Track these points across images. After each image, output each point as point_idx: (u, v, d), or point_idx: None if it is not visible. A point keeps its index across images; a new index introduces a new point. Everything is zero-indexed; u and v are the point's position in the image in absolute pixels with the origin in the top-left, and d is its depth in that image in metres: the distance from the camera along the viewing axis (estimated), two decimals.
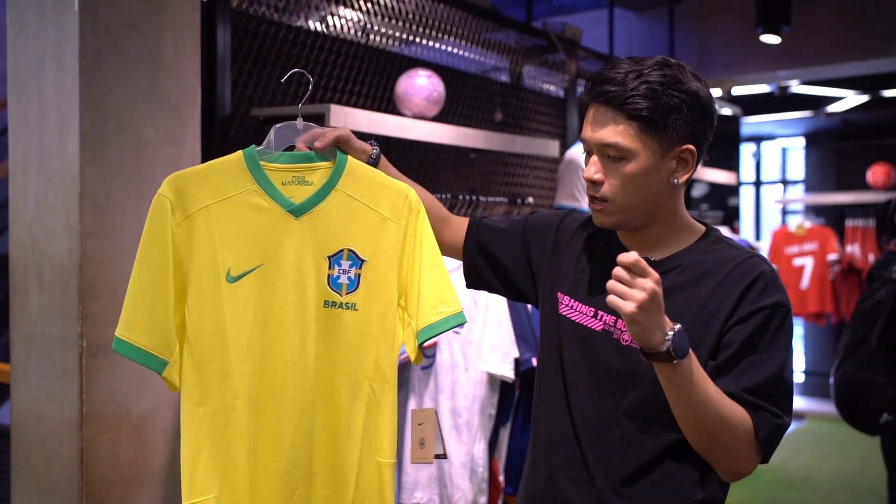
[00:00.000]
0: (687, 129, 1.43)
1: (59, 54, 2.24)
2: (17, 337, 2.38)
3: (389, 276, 1.61)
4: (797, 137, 8.28)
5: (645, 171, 1.43)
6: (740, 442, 1.38)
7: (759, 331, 1.40)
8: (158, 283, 1.49)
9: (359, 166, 1.62)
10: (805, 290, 6.75)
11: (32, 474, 2.34)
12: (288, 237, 1.55)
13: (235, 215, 1.53)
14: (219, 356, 1.52)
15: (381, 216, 1.60)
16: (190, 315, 1.52)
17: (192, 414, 1.51)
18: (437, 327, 1.61)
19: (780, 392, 1.40)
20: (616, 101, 1.41)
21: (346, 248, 1.58)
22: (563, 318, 1.58)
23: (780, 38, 4.64)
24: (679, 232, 1.51)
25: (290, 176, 1.57)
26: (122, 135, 2.28)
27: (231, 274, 1.52)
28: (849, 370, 2.97)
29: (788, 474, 5.61)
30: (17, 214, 2.38)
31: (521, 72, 4.12)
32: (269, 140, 1.61)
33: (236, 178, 1.54)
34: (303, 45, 2.95)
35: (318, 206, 1.57)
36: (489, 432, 2.84)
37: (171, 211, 1.50)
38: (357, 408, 1.59)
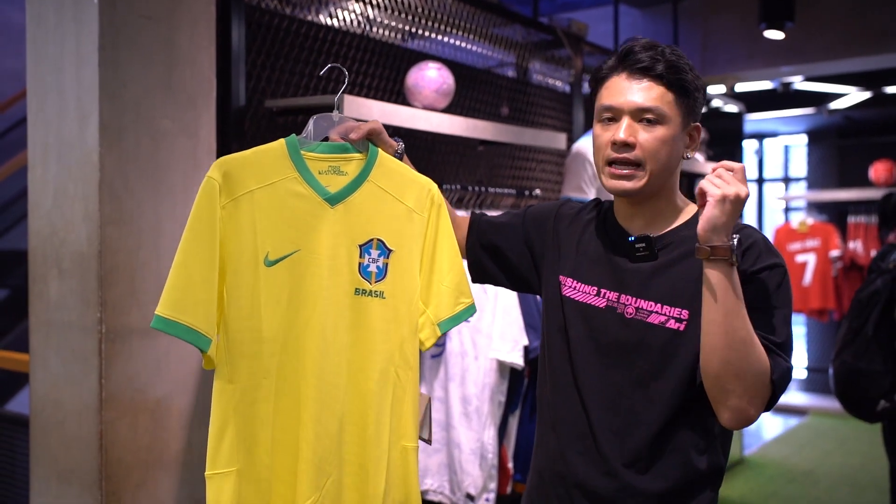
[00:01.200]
0: (698, 108, 1.58)
1: (78, 47, 2.29)
2: (36, 323, 2.42)
3: (413, 266, 1.67)
4: (800, 134, 8.32)
5: (674, 137, 1.53)
6: (760, 372, 1.41)
7: (761, 290, 1.47)
8: (206, 264, 1.52)
9: (388, 159, 1.68)
10: (807, 287, 6.78)
11: (51, 458, 2.38)
12: (323, 225, 1.60)
13: (277, 201, 1.58)
14: (251, 337, 1.56)
15: (407, 208, 1.66)
16: (228, 295, 1.56)
17: (223, 390, 1.56)
18: (459, 318, 1.69)
19: (786, 342, 1.47)
20: (655, 71, 1.52)
21: (376, 238, 1.63)
22: (567, 300, 1.64)
23: (783, 34, 4.69)
24: (674, 209, 1.60)
25: (326, 165, 1.62)
26: (139, 125, 2.32)
27: (269, 258, 1.57)
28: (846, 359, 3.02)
29: (790, 469, 5.64)
30: (37, 204, 2.42)
31: (527, 67, 4.16)
32: (308, 130, 1.67)
33: (279, 165, 1.59)
34: (315, 38, 2.99)
35: (352, 195, 1.62)
36: (499, 419, 2.88)
37: (219, 193, 1.54)
38: (385, 394, 1.63)
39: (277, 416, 1.58)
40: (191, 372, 2.45)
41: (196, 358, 2.46)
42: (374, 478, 1.62)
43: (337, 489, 1.60)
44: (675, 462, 1.52)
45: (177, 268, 1.52)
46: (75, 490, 2.31)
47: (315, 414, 1.58)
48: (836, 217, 7.23)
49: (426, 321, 1.68)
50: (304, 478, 1.58)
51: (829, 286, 6.74)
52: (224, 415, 1.56)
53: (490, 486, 2.83)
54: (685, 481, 1.52)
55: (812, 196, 7.38)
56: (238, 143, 2.63)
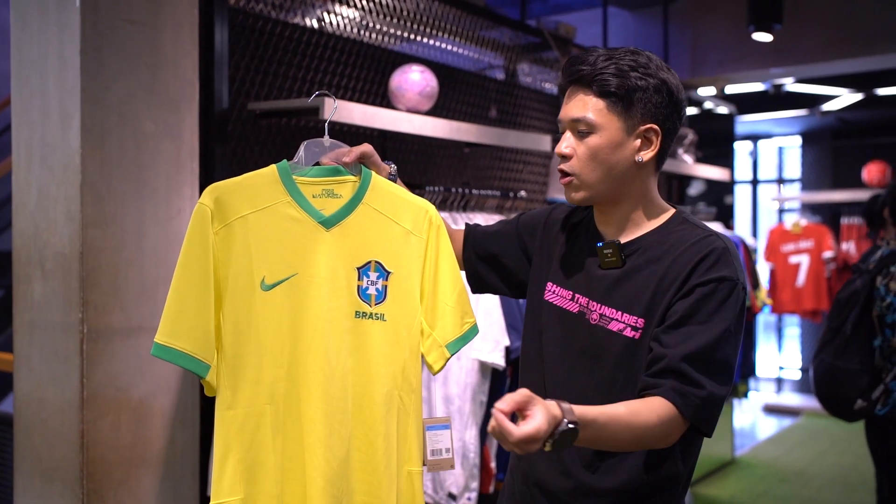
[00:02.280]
0: (652, 108, 1.52)
1: (61, 50, 2.31)
2: (20, 324, 2.45)
3: (413, 287, 1.66)
4: (794, 136, 8.34)
5: (610, 145, 1.52)
6: (661, 435, 1.41)
7: (699, 303, 1.45)
8: (201, 290, 1.53)
9: (382, 182, 1.68)
10: (801, 288, 6.80)
11: (34, 456, 2.41)
12: (320, 248, 1.60)
13: (271, 225, 1.58)
14: (251, 362, 1.56)
15: (404, 230, 1.67)
16: (225, 321, 1.56)
17: (223, 417, 1.56)
18: (466, 338, 1.69)
19: (713, 362, 1.43)
20: (586, 80, 1.52)
21: (374, 260, 1.64)
22: (547, 304, 1.65)
23: (771, 36, 4.71)
24: (648, 214, 1.59)
25: (320, 189, 1.62)
26: (122, 128, 2.35)
27: (266, 282, 1.57)
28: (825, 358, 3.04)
29: (782, 468, 5.66)
30: (21, 205, 2.45)
31: (515, 69, 4.18)
32: (299, 155, 1.68)
33: (271, 190, 1.60)
34: (298, 41, 3.02)
35: (347, 218, 1.63)
36: (480, 419, 2.90)
37: (210, 219, 1.55)
38: (391, 418, 1.63)
39: (283, 443, 1.57)
40: (172, 372, 2.48)
41: None
42: (384, 502, 1.61)
43: None
44: (629, 466, 1.52)
45: (173, 295, 1.53)
46: (58, 488, 2.33)
47: (324, 439, 1.57)
48: (829, 218, 7.25)
49: (433, 344, 1.67)
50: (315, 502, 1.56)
51: (823, 287, 6.76)
52: (225, 441, 1.55)
53: (472, 486, 2.86)
54: (638, 485, 1.53)
55: (806, 197, 7.40)
56: (221, 146, 2.66)
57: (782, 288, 6.80)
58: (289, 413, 1.58)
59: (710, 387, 1.42)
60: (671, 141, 1.58)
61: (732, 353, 1.47)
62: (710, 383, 1.42)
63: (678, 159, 4.76)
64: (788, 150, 8.73)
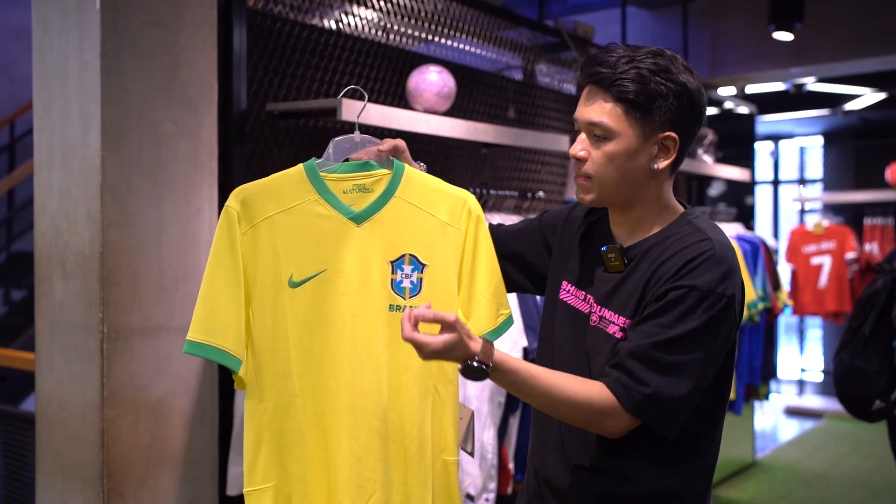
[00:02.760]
0: (671, 116, 1.48)
1: (81, 52, 2.34)
2: (42, 324, 2.47)
3: (450, 279, 1.66)
4: (815, 136, 8.26)
5: (627, 152, 1.48)
6: (593, 417, 1.44)
7: (666, 305, 1.43)
8: (231, 289, 1.58)
9: (416, 174, 1.68)
10: (823, 289, 6.73)
11: (56, 455, 2.43)
12: (349, 243, 1.62)
13: (298, 224, 1.61)
14: (279, 357, 1.60)
15: (440, 221, 1.66)
16: (254, 318, 1.60)
17: (255, 409, 1.61)
18: (501, 330, 1.69)
19: (662, 363, 1.41)
20: (605, 83, 1.47)
21: (408, 253, 1.64)
22: (561, 302, 1.65)
23: (792, 35, 4.67)
24: (658, 217, 1.56)
25: (350, 185, 1.64)
26: (141, 129, 2.37)
27: (293, 279, 1.61)
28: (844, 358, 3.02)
29: (804, 471, 5.61)
30: (42, 206, 2.48)
31: (533, 69, 4.18)
32: (328, 153, 1.69)
33: (298, 190, 1.62)
34: (316, 42, 3.03)
35: (379, 212, 1.64)
36: (499, 420, 2.89)
37: (238, 221, 1.59)
38: (425, 409, 1.65)
39: (309, 433, 1.61)
40: (192, 371, 2.49)
41: (197, 358, 2.50)
42: (419, 494, 1.63)
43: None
44: (623, 473, 1.53)
45: (203, 294, 1.58)
46: (78, 487, 2.35)
47: (349, 431, 1.60)
48: (852, 219, 7.18)
49: None
50: (343, 496, 1.60)
51: (845, 288, 6.69)
52: (257, 433, 1.60)
53: (490, 486, 2.85)
54: (630, 496, 1.53)
55: (828, 198, 7.33)
56: (240, 147, 2.67)
57: (804, 289, 6.74)
58: (316, 404, 1.61)
59: (655, 385, 1.41)
60: (689, 146, 1.55)
61: (694, 357, 1.42)
62: (658, 382, 1.41)
63: (698, 159, 4.73)
64: (810, 150, 8.65)
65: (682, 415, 1.46)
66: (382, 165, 1.66)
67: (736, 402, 4.37)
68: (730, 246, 1.50)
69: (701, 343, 1.42)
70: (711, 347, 1.44)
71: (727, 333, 1.47)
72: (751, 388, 4.60)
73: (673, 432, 1.47)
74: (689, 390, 1.43)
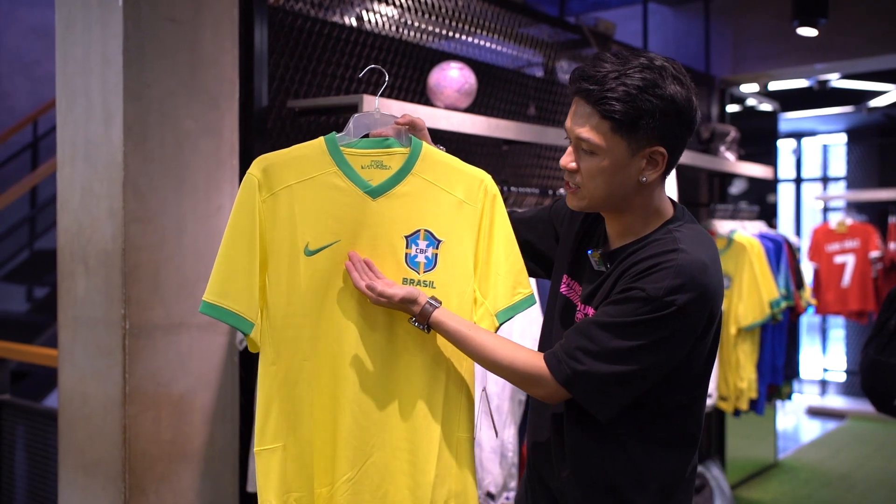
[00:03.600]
0: (658, 132, 1.49)
1: (104, 49, 2.34)
2: (64, 319, 2.48)
3: (465, 256, 1.69)
4: (839, 133, 8.17)
5: (613, 167, 1.51)
6: (521, 379, 1.57)
7: (617, 300, 1.49)
8: (248, 254, 1.61)
9: (434, 152, 1.71)
10: (846, 288, 6.66)
11: (78, 451, 2.44)
12: (365, 217, 1.65)
13: (316, 194, 1.64)
14: (292, 322, 1.63)
15: (457, 199, 1.69)
16: (270, 283, 1.63)
17: (267, 372, 1.64)
18: (516, 308, 1.71)
19: (595, 341, 1.48)
20: (592, 99, 1.48)
21: (423, 229, 1.67)
22: (561, 296, 1.70)
23: (816, 30, 4.61)
24: (647, 222, 1.59)
25: (369, 160, 1.66)
26: (163, 126, 2.37)
27: (309, 248, 1.64)
28: (870, 352, 2.98)
29: (826, 472, 5.55)
30: (65, 203, 2.49)
31: (554, 66, 4.15)
32: (348, 128, 1.71)
33: (318, 161, 1.65)
34: (338, 39, 3.02)
35: (395, 188, 1.66)
36: (519, 418, 2.88)
37: (258, 188, 1.62)
38: (437, 383, 1.67)
39: (318, 397, 1.64)
40: (213, 368, 2.49)
41: (218, 354, 2.51)
42: (423, 465, 1.66)
43: (381, 472, 1.65)
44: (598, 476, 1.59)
45: (221, 258, 1.61)
46: (100, 482, 2.36)
47: (353, 397, 1.64)
48: (875, 217, 7.09)
49: (484, 313, 1.69)
50: (341, 455, 1.64)
51: (869, 288, 6.61)
52: (269, 394, 1.64)
53: (510, 485, 2.83)
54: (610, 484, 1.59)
55: (851, 196, 7.25)
56: (261, 144, 2.67)
57: (827, 288, 6.67)
58: (325, 370, 1.64)
59: (585, 362, 1.49)
60: (679, 156, 1.57)
61: (629, 347, 1.47)
62: (587, 359, 1.48)
63: (720, 157, 4.69)
64: (833, 148, 8.56)
65: (610, 398, 1.51)
66: (401, 143, 1.69)
67: (758, 401, 4.32)
68: (701, 261, 1.49)
69: (637, 337, 1.47)
70: (651, 347, 1.47)
71: (678, 337, 1.48)
72: (773, 388, 4.56)
73: (604, 413, 1.52)
74: (614, 374, 1.48)
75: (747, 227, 4.57)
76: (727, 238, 4.30)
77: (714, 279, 1.50)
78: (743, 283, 4.20)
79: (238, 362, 2.57)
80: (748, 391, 4.24)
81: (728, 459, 5.04)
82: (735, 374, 4.21)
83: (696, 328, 1.50)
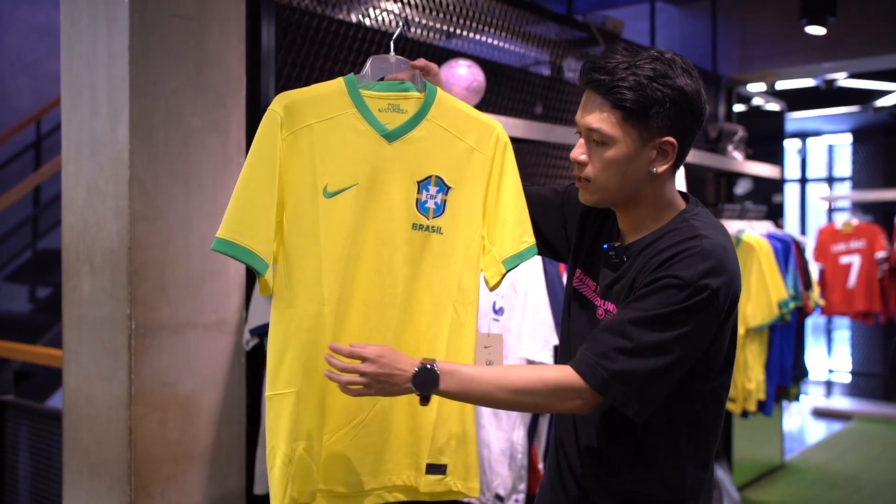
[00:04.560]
0: (669, 122, 1.50)
1: (109, 45, 2.31)
2: (69, 319, 2.45)
3: (474, 203, 1.71)
4: (844, 133, 8.14)
5: (625, 157, 1.51)
6: (551, 399, 1.49)
7: (647, 293, 1.47)
8: (266, 192, 1.58)
9: (448, 98, 1.71)
10: (852, 289, 6.62)
11: (83, 452, 2.41)
12: (381, 161, 1.65)
13: (335, 136, 1.63)
14: (310, 264, 1.62)
15: (468, 146, 1.70)
16: (288, 223, 1.62)
17: (283, 315, 1.62)
18: (522, 256, 1.71)
19: (630, 338, 1.44)
20: (603, 89, 1.50)
21: (434, 175, 1.68)
22: (575, 291, 1.70)
23: (825, 29, 4.58)
24: (659, 215, 1.58)
25: (385, 103, 1.67)
26: (169, 123, 2.34)
27: (328, 189, 1.63)
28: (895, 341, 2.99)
29: (833, 474, 5.52)
30: (70, 201, 2.46)
31: (561, 65, 4.12)
32: (365, 70, 1.71)
33: (338, 102, 1.64)
34: (345, 36, 2.99)
35: (410, 132, 1.67)
36: (528, 419, 2.85)
37: (280, 126, 1.60)
38: (441, 327, 1.69)
39: (332, 341, 1.62)
40: (220, 368, 2.46)
41: (225, 354, 2.48)
42: (425, 410, 1.66)
43: (386, 413, 1.67)
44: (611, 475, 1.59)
45: (237, 195, 1.58)
46: (106, 483, 2.33)
47: (363, 340, 1.64)
48: (881, 217, 7.06)
49: (491, 259, 1.71)
50: (352, 400, 1.63)
51: (875, 288, 6.58)
52: (284, 338, 1.61)
53: (519, 487, 2.80)
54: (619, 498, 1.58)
55: (857, 196, 7.21)
56: None
57: (832, 289, 6.64)
58: (341, 314, 1.64)
59: (621, 362, 1.44)
60: (689, 148, 1.57)
61: (666, 339, 1.43)
62: (623, 359, 1.44)
63: (728, 156, 4.66)
64: (839, 148, 8.53)
65: (648, 396, 1.46)
66: (417, 87, 1.69)
67: (766, 402, 4.29)
68: (723, 245, 1.50)
69: (674, 327, 1.44)
70: (687, 336, 1.45)
71: (707, 323, 1.46)
72: (781, 389, 4.53)
73: (640, 414, 1.47)
74: (653, 369, 1.44)
75: (755, 226, 4.54)
76: (735, 238, 4.27)
77: (735, 263, 1.52)
78: (751, 284, 4.17)
79: (245, 362, 2.54)
80: (756, 392, 4.21)
81: (734, 461, 5.01)
82: (743, 375, 4.18)
83: (721, 313, 1.49)
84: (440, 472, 1.71)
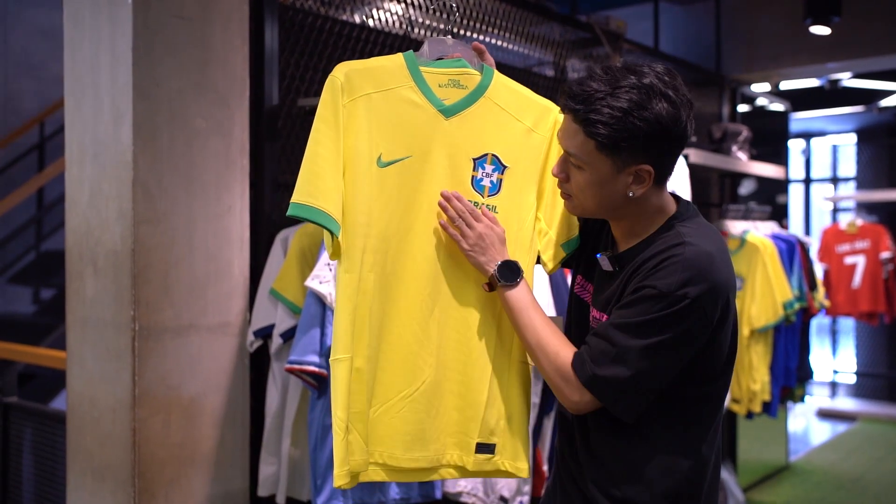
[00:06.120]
0: (644, 152, 1.50)
1: (112, 47, 2.31)
2: (73, 321, 2.45)
3: (530, 184, 1.71)
4: (849, 133, 8.12)
5: (599, 182, 1.53)
6: (552, 371, 1.56)
7: (631, 301, 1.50)
8: (334, 154, 1.59)
9: (504, 79, 1.72)
10: (857, 289, 6.61)
11: (87, 454, 2.41)
12: (437, 135, 1.65)
13: (392, 107, 1.63)
14: (360, 232, 1.62)
15: (525, 127, 1.71)
16: (344, 188, 1.62)
17: (342, 279, 1.62)
18: (572, 245, 1.72)
19: (614, 343, 1.49)
20: (578, 118, 1.50)
21: (491, 153, 1.68)
22: (575, 296, 1.74)
23: (829, 29, 4.57)
24: (651, 222, 1.59)
25: (446, 79, 1.67)
26: (172, 125, 2.34)
27: (382, 159, 1.63)
28: None
29: (839, 475, 5.50)
30: (73, 203, 2.46)
31: (565, 65, 4.11)
32: (423, 50, 1.71)
33: (396, 74, 1.65)
34: (348, 37, 2.99)
35: (468, 109, 1.67)
36: (533, 421, 2.84)
37: (341, 92, 1.60)
38: (495, 306, 1.68)
39: (377, 311, 1.63)
40: (223, 370, 2.46)
41: (228, 356, 2.47)
42: (476, 386, 1.66)
43: (434, 390, 1.65)
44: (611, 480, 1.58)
45: (308, 158, 1.59)
46: (109, 486, 2.33)
47: (411, 313, 1.64)
48: (886, 218, 7.05)
49: (549, 242, 1.71)
50: (399, 372, 1.63)
51: (880, 289, 6.56)
52: (343, 302, 1.62)
53: (524, 489, 2.80)
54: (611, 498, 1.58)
55: (861, 196, 7.20)
56: (271, 143, 2.64)
57: (837, 290, 6.62)
58: (388, 286, 1.63)
59: (604, 366, 1.49)
60: (671, 168, 1.57)
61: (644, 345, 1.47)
62: (606, 363, 1.49)
63: (732, 156, 4.64)
64: (843, 148, 8.51)
65: (631, 399, 1.50)
66: (474, 67, 1.70)
67: (771, 403, 4.28)
68: (707, 252, 1.50)
69: (654, 334, 1.47)
70: (669, 343, 1.47)
71: (692, 330, 1.48)
72: (786, 390, 4.51)
73: (628, 414, 1.52)
74: (634, 374, 1.48)
75: (760, 227, 4.53)
76: (740, 238, 4.26)
77: (723, 269, 1.51)
78: (756, 284, 4.15)
79: (249, 364, 2.54)
80: (761, 393, 4.20)
81: (739, 462, 5.00)
82: (748, 376, 4.17)
83: (711, 320, 1.50)
84: (489, 451, 1.70)
